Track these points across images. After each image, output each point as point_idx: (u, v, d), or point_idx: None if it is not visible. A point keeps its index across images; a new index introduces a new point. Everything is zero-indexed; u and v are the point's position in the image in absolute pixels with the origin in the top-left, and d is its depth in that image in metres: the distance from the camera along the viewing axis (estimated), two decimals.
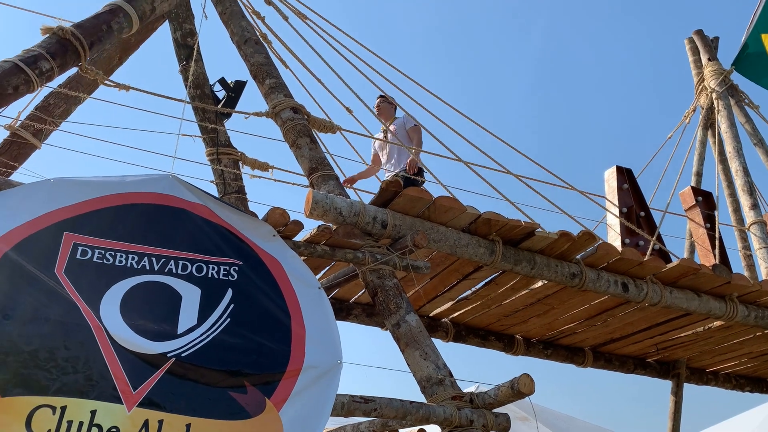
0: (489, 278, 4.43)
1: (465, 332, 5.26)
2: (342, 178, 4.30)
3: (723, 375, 6.40)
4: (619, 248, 4.73)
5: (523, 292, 4.59)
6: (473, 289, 4.60)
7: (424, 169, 5.17)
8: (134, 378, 2.38)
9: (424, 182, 5.05)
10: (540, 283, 4.43)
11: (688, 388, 6.24)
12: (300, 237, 3.40)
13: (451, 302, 4.89)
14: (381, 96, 5.42)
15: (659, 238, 4.91)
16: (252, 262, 2.96)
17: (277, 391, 2.61)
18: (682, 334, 5.33)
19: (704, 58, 7.06)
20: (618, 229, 4.92)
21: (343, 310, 4.75)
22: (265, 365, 2.66)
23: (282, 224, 3.23)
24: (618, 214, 4.95)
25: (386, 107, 5.42)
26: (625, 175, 5.23)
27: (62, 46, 3.40)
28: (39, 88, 3.34)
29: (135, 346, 2.46)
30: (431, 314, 5.11)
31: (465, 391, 3.18)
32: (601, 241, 4.03)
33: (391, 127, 5.47)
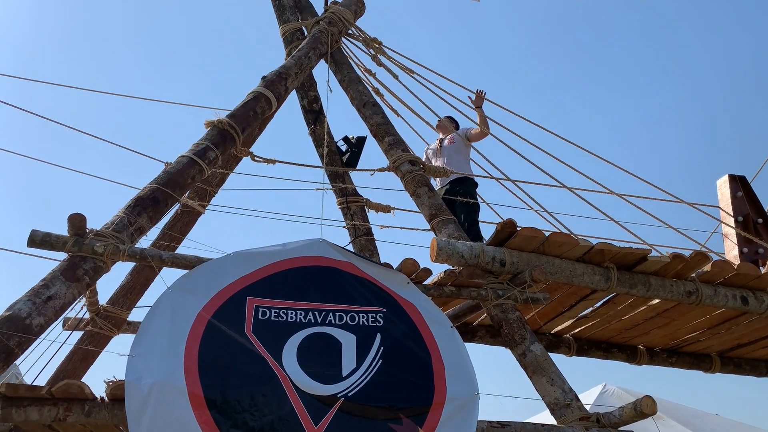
0: (606, 298, 4.68)
1: (587, 346, 5.51)
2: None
3: None
4: (737, 257, 4.81)
5: (642, 308, 4.79)
6: (592, 308, 4.87)
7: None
8: (314, 415, 2.99)
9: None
10: (658, 300, 4.62)
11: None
12: (429, 280, 3.89)
13: (572, 320, 5.18)
14: (447, 116, 5.96)
15: None
16: (393, 309, 3.49)
17: (427, 421, 3.11)
18: None
19: None
20: (734, 239, 4.97)
21: (469, 332, 5.18)
22: (415, 399, 3.17)
23: (413, 272, 3.73)
24: (734, 223, 5.00)
25: (447, 124, 5.88)
26: (738, 183, 5.24)
27: (222, 136, 4.13)
28: (207, 173, 4.09)
29: (311, 389, 3.07)
30: (552, 331, 5.42)
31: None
32: (715, 259, 4.17)
33: (448, 138, 5.92)
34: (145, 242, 4.07)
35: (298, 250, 3.56)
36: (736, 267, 4.22)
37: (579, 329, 5.33)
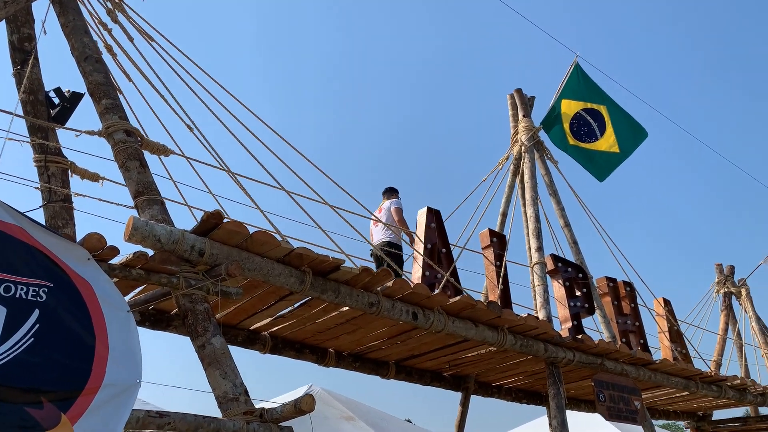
0: (303, 300, 4.93)
1: (282, 345, 5.73)
2: (174, 201, 4.51)
3: (505, 389, 7.48)
4: (420, 279, 5.48)
5: (333, 314, 5.16)
6: (289, 309, 5.08)
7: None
8: None
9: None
10: (347, 307, 5.01)
11: (476, 401, 7.25)
12: (116, 260, 3.64)
13: (270, 318, 5.33)
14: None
15: (454, 273, 5.72)
16: (63, 284, 3.17)
17: (73, 407, 2.88)
18: (469, 354, 6.24)
19: (520, 114, 8.17)
20: (421, 262, 5.66)
21: (163, 320, 4.99)
22: (64, 383, 2.91)
23: (98, 249, 3.46)
24: (422, 250, 5.69)
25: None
26: (433, 215, 6.00)
27: None
28: None
29: None
30: (251, 328, 5.51)
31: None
32: (397, 277, 4.69)
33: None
34: None
35: None
36: (412, 286, 4.79)
37: (277, 328, 5.52)
